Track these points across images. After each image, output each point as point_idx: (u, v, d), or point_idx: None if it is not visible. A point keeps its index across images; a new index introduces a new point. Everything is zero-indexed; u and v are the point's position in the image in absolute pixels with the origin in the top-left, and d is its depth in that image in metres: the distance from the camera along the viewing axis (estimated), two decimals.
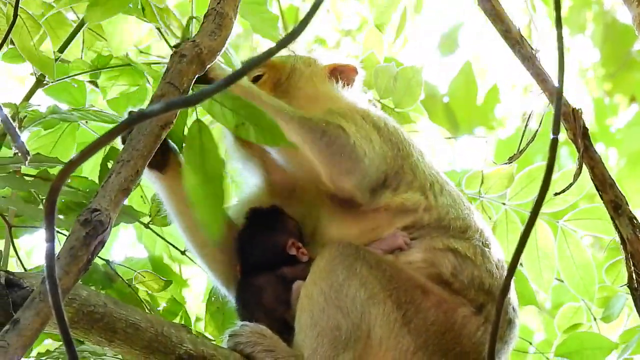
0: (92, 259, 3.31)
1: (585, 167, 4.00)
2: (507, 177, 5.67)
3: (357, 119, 4.29)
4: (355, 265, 4.00)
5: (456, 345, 4.03)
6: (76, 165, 2.51)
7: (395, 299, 3.99)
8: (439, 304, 4.04)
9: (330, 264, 4.01)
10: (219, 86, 2.58)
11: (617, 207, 3.90)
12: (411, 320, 3.98)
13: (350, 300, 3.96)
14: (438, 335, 4.00)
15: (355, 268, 4.00)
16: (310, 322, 3.97)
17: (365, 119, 4.32)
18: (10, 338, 3.09)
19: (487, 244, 4.27)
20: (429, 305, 4.02)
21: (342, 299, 3.96)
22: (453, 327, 4.03)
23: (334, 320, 3.94)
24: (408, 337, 3.96)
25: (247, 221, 4.41)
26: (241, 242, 4.37)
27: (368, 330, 3.95)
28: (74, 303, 3.58)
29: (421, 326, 3.98)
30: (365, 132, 4.24)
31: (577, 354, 5.68)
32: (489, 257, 4.21)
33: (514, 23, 4.02)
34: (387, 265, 4.05)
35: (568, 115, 3.84)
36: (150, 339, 3.71)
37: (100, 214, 3.33)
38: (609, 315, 5.86)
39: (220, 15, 3.99)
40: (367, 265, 4.02)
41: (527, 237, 2.78)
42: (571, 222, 5.69)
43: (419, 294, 4.02)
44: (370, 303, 3.97)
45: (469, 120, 10.41)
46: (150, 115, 2.53)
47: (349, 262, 4.01)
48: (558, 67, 2.88)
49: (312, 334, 3.96)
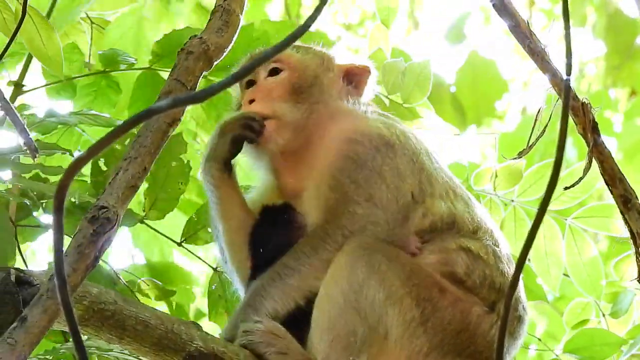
0: (99, 256, 3.31)
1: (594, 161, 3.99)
2: (516, 174, 5.67)
3: (374, 163, 4.24)
4: (375, 260, 3.97)
5: (470, 344, 4.02)
6: (84, 163, 2.50)
7: (414, 295, 3.97)
8: (455, 302, 4.03)
9: (350, 259, 3.98)
10: (226, 83, 2.57)
11: (626, 202, 3.89)
12: (428, 319, 3.96)
13: (370, 303, 3.93)
14: (454, 334, 3.99)
15: (375, 264, 3.96)
16: (328, 324, 3.95)
17: (379, 152, 4.27)
18: (18, 335, 3.09)
19: (497, 243, 4.28)
20: (445, 304, 4.01)
21: (361, 302, 3.93)
22: (468, 327, 4.02)
23: (351, 325, 3.92)
24: (423, 337, 3.94)
25: (260, 218, 4.39)
26: (255, 239, 4.36)
27: (385, 332, 3.93)
28: (85, 300, 3.57)
29: (438, 325, 3.97)
30: (377, 187, 4.21)
31: (586, 350, 5.67)
32: (500, 257, 4.22)
33: (523, 18, 4.00)
34: (407, 260, 4.04)
35: (577, 110, 3.83)
36: (160, 336, 3.71)
37: (108, 211, 3.33)
38: (618, 311, 5.85)
39: (227, 12, 3.99)
40: (387, 259, 3.99)
41: (535, 235, 2.77)
42: (579, 219, 5.68)
43: (436, 292, 4.01)
44: (389, 303, 3.94)
45: (476, 110, 10.40)
46: (157, 111, 2.52)
47: (368, 256, 3.98)
48: (566, 60, 2.87)
49: (327, 338, 3.93)
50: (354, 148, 4.27)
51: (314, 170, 4.29)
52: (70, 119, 5.00)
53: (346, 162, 4.24)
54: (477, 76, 10.48)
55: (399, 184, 4.21)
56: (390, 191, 4.18)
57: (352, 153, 4.26)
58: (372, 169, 4.22)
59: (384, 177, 4.21)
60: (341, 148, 4.29)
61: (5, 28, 4.72)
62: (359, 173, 4.21)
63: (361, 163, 4.23)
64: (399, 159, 4.27)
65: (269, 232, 4.34)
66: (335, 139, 4.32)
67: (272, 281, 4.07)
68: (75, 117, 5.01)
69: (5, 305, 3.50)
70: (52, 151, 4.66)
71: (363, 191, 4.17)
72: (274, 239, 4.31)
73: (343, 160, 4.25)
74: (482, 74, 10.50)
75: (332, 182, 4.21)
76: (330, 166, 4.25)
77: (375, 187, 4.18)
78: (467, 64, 10.52)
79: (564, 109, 2.65)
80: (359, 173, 4.21)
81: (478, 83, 10.47)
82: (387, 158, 4.25)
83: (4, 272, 3.56)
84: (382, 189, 4.18)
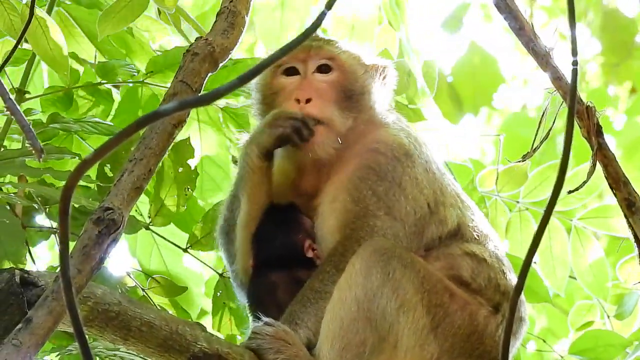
0: (104, 258, 3.32)
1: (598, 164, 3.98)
2: (521, 175, 5.67)
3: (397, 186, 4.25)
4: (390, 267, 3.98)
5: (479, 345, 4.05)
6: (90, 165, 2.51)
7: (426, 302, 3.99)
8: (464, 306, 4.06)
9: (366, 265, 3.99)
10: (233, 85, 2.57)
11: (630, 205, 3.88)
12: (439, 324, 3.99)
13: (382, 311, 3.94)
14: (464, 338, 4.03)
15: (389, 271, 3.97)
16: (339, 331, 3.95)
17: (399, 162, 4.27)
18: (23, 337, 3.10)
19: (498, 247, 4.33)
20: (455, 308, 4.03)
21: (374, 311, 3.94)
22: (477, 328, 4.05)
23: (362, 334, 3.93)
24: (434, 344, 3.97)
25: (266, 217, 4.36)
26: (259, 238, 4.35)
27: (395, 341, 3.94)
28: (89, 301, 3.57)
29: (448, 330, 4.00)
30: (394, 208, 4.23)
31: (591, 351, 5.68)
32: (501, 259, 4.27)
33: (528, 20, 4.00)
34: (421, 265, 4.06)
35: (582, 113, 3.83)
36: (164, 337, 3.71)
37: (113, 212, 3.34)
38: (622, 313, 5.85)
39: (233, 14, 3.99)
40: (402, 265, 4.00)
41: (541, 236, 2.78)
42: (585, 220, 5.68)
43: (447, 297, 4.05)
44: (401, 312, 3.95)
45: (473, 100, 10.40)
46: (163, 114, 2.53)
47: (384, 262, 3.99)
48: (572, 64, 2.87)
49: (338, 346, 3.94)
50: (376, 158, 4.27)
51: (337, 175, 4.29)
52: (73, 125, 5.01)
53: (368, 172, 4.25)
54: (475, 67, 10.48)
55: (417, 195, 4.24)
56: (409, 203, 4.20)
57: (374, 163, 4.26)
58: (392, 180, 4.23)
59: (404, 188, 4.23)
60: (364, 157, 4.29)
61: (11, 30, 4.73)
62: (379, 185, 4.22)
63: (382, 174, 4.24)
64: (417, 169, 4.29)
65: (273, 232, 4.33)
66: (361, 147, 4.32)
67: (304, 307, 4.06)
68: (77, 124, 5.01)
69: (10, 306, 3.50)
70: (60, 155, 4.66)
71: (383, 204, 4.19)
72: (278, 238, 4.30)
73: (365, 169, 4.26)
74: (480, 65, 10.49)
75: (353, 192, 4.21)
76: (352, 174, 4.26)
77: (394, 199, 4.20)
78: (467, 55, 10.52)
79: (569, 114, 2.65)
80: (379, 185, 4.22)
81: (476, 73, 10.47)
82: (407, 168, 4.28)
83: (9, 273, 3.56)
84: (401, 201, 4.20)
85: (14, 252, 4.53)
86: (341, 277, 4.01)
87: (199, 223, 5.24)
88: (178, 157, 5.08)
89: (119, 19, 4.80)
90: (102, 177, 5.06)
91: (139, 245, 5.44)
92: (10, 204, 4.81)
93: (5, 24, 4.78)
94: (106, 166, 4.97)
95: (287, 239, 4.29)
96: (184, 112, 3.60)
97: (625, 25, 10.44)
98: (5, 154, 4.81)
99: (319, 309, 4.03)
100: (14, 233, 4.57)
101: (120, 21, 4.81)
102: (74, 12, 5.30)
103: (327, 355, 3.95)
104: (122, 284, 5.12)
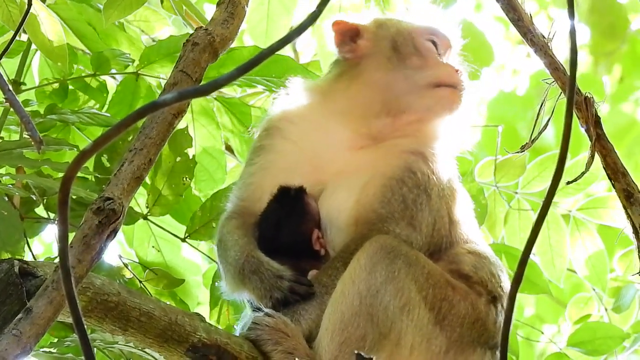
0: (104, 248, 3.32)
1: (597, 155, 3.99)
2: (519, 166, 5.68)
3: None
4: (395, 266, 3.99)
5: (484, 331, 4.09)
6: (89, 156, 2.51)
7: (431, 297, 4.01)
8: (466, 295, 4.10)
9: (371, 261, 3.99)
10: (232, 76, 2.57)
11: (629, 196, 3.89)
12: (445, 317, 4.02)
13: (384, 309, 3.95)
14: (469, 326, 4.06)
15: (394, 269, 3.98)
16: (340, 325, 3.95)
17: (433, 172, 4.31)
18: (23, 327, 3.10)
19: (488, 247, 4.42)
20: (458, 299, 4.07)
21: (376, 307, 3.94)
22: (480, 316, 4.09)
23: (363, 329, 3.93)
24: (441, 336, 3.99)
25: (274, 201, 4.31)
26: (265, 223, 4.31)
27: (398, 339, 3.95)
28: (88, 292, 3.57)
29: (455, 321, 4.03)
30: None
31: (589, 344, 5.69)
32: (496, 257, 4.34)
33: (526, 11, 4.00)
34: (425, 261, 4.08)
35: (580, 104, 3.83)
36: (164, 327, 3.71)
37: (113, 202, 3.34)
38: (620, 306, 5.86)
39: (233, 4, 3.99)
40: (407, 264, 4.01)
41: (540, 227, 2.78)
42: (583, 211, 5.69)
43: (450, 290, 4.07)
44: (405, 311, 3.96)
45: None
46: (163, 104, 2.53)
47: (390, 260, 3.99)
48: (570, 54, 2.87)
49: (337, 340, 3.94)
50: (419, 165, 4.30)
51: (379, 156, 4.32)
52: (70, 116, 5.00)
53: (408, 177, 4.28)
54: (467, 44, 10.49)
55: (440, 205, 4.28)
56: (432, 214, 4.24)
57: (416, 168, 4.30)
58: (424, 190, 4.27)
59: (430, 197, 4.26)
60: (411, 158, 4.32)
61: (10, 21, 4.72)
62: (411, 192, 4.24)
63: (418, 182, 4.27)
64: (441, 175, 4.34)
65: (279, 216, 4.29)
66: (411, 142, 4.36)
67: (308, 300, 4.07)
68: (75, 116, 5.01)
69: (9, 297, 3.51)
70: (59, 147, 4.66)
71: (408, 213, 4.21)
72: (286, 228, 4.26)
73: (407, 172, 4.28)
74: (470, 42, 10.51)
75: (386, 192, 4.23)
76: (393, 172, 4.27)
77: (419, 208, 4.23)
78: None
79: (568, 105, 2.65)
80: (411, 192, 4.24)
81: (466, 50, 10.50)
82: (439, 176, 4.33)
83: (8, 263, 3.56)
84: (425, 212, 4.23)
85: (13, 243, 4.54)
86: (345, 272, 4.01)
87: (198, 212, 5.23)
88: (176, 147, 5.08)
89: (125, 5, 4.79)
90: (99, 168, 5.06)
91: (135, 236, 5.43)
92: (9, 195, 4.82)
93: (3, 15, 4.78)
94: (103, 156, 4.97)
95: (296, 229, 4.26)
96: (184, 102, 3.60)
97: (613, 8, 10.41)
98: (3, 145, 4.82)
99: (322, 302, 4.03)
100: (12, 224, 4.58)
101: (127, 8, 4.80)
102: (63, 13, 5.27)
103: (326, 349, 3.95)
104: (121, 275, 5.12)
